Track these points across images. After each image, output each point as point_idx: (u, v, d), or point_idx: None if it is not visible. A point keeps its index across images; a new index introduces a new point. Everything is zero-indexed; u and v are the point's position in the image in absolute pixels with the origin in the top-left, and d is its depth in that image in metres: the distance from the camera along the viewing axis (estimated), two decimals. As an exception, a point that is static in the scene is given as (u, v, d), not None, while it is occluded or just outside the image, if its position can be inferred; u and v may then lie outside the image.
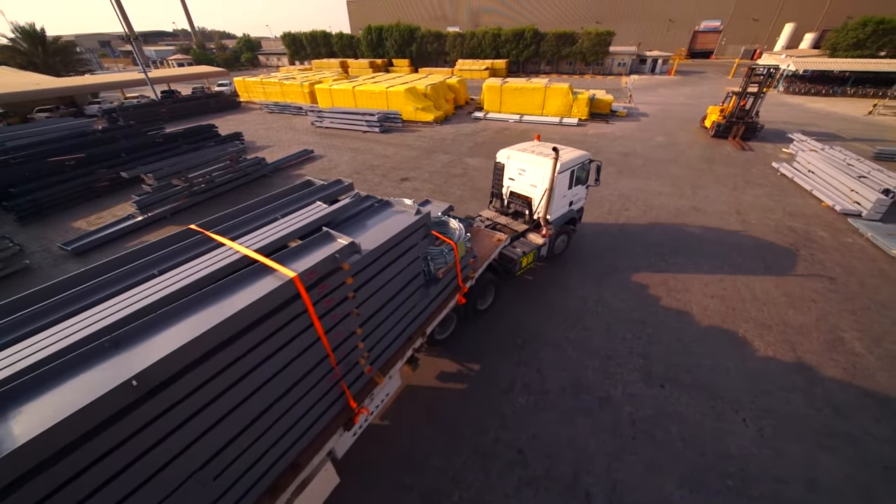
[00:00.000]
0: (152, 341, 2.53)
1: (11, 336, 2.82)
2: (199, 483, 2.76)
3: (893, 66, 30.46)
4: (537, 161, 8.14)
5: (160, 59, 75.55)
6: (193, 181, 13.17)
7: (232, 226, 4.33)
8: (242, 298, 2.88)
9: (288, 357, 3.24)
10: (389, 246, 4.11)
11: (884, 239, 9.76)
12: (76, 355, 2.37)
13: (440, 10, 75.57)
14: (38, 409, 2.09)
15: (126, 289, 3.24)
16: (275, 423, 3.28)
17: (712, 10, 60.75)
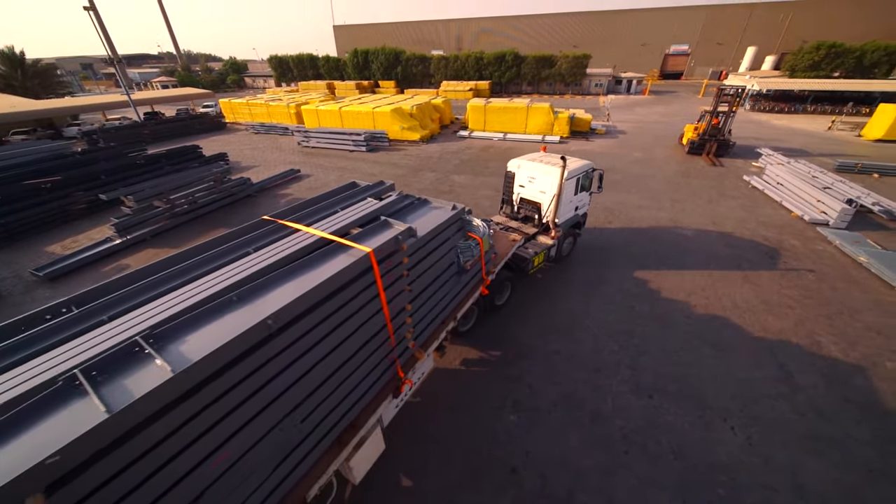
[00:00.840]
0: (269, 296, 3.15)
1: (162, 288, 3.59)
2: (293, 422, 3.31)
3: (847, 85, 32.89)
4: (546, 170, 8.87)
5: (144, 81, 75.31)
6: (175, 202, 12.95)
7: (300, 216, 5.02)
8: (333, 266, 3.57)
9: (361, 319, 3.85)
10: (434, 234, 4.80)
11: (851, 246, 10.26)
12: (217, 303, 3.00)
13: (424, 34, 78.34)
14: (201, 338, 2.68)
15: (231, 261, 3.91)
16: (348, 377, 3.86)
17: (681, 35, 64.85)
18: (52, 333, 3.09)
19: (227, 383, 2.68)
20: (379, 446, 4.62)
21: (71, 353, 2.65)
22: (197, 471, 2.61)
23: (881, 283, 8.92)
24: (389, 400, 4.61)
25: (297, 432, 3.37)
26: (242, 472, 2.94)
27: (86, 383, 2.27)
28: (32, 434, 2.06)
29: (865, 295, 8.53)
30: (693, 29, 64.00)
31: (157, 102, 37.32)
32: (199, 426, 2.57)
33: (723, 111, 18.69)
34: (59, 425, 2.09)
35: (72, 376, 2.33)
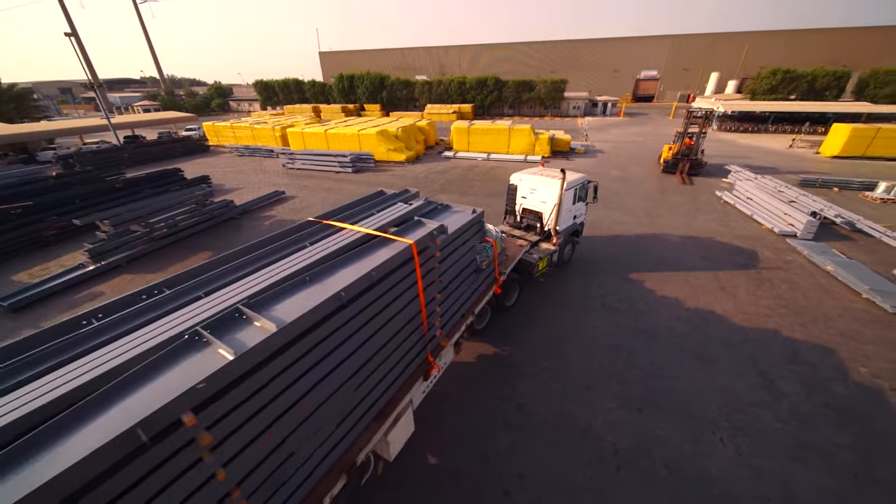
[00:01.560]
0: (334, 276, 3.77)
1: (238, 273, 4.22)
2: (351, 388, 3.85)
3: (803, 107, 35.46)
4: (547, 182, 9.64)
5: (125, 105, 74.63)
6: (154, 226, 12.63)
7: (342, 217, 5.61)
8: (383, 254, 4.21)
9: (403, 303, 4.44)
10: (460, 233, 5.50)
11: (819, 256, 10.78)
12: (292, 282, 3.59)
13: (408, 60, 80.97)
14: (289, 305, 3.27)
15: (292, 253, 4.53)
16: (391, 353, 4.42)
17: (650, 62, 69.11)
18: (158, 306, 3.74)
19: (309, 344, 3.26)
20: (410, 427, 5.01)
21: (183, 318, 3.26)
22: (289, 413, 3.17)
23: (849, 290, 9.35)
24: (420, 382, 5.11)
25: (353, 398, 3.94)
26: (315, 423, 3.48)
27: (210, 336, 2.85)
28: (178, 370, 2.60)
29: (836, 302, 8.91)
30: (661, 56, 68.38)
31: (137, 126, 36.88)
32: (290, 376, 3.14)
33: (694, 132, 19.73)
34: (199, 364, 2.64)
35: (195, 332, 2.89)
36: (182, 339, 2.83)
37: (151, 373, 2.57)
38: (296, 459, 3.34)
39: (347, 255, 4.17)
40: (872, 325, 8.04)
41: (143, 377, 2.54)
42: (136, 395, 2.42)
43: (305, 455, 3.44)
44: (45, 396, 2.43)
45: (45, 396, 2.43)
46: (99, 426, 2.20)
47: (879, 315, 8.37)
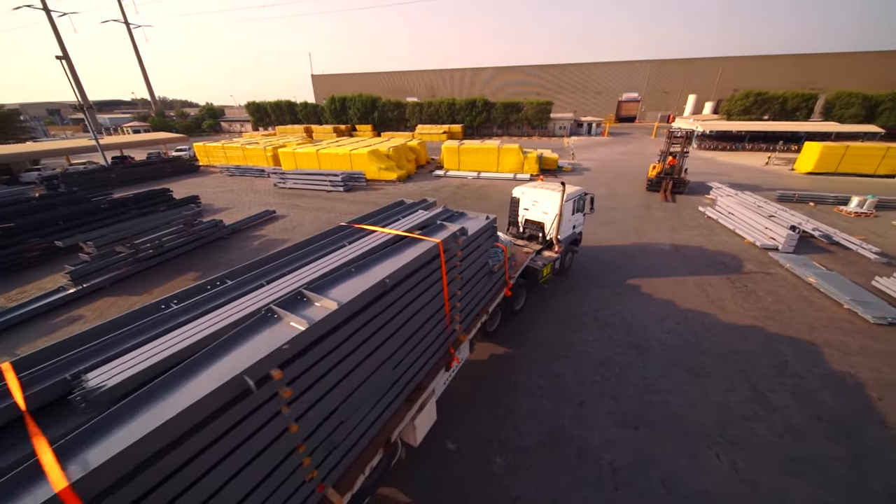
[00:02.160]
0: (376, 268, 4.31)
1: (289, 268, 4.71)
2: (389, 367, 4.34)
3: (777, 126, 37.27)
4: (548, 194, 10.33)
5: (114, 126, 74.44)
6: (140, 247, 12.39)
7: (371, 223, 6.04)
8: (415, 251, 4.71)
9: (431, 295, 4.93)
10: (477, 235, 5.98)
11: (800, 268, 11.09)
12: (344, 271, 4.18)
13: (399, 83, 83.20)
14: (342, 290, 3.79)
15: (332, 251, 5.04)
16: (420, 342, 4.90)
17: (630, 85, 72.29)
18: (226, 293, 4.18)
19: (358, 324, 3.73)
20: (433, 415, 5.46)
21: (254, 300, 3.74)
22: (342, 383, 3.65)
23: (831, 301, 9.60)
24: (442, 372, 5.56)
25: (390, 378, 4.40)
26: (362, 395, 3.95)
27: (281, 311, 3.36)
28: (261, 337, 3.10)
29: (820, 313, 9.11)
30: (641, 79, 71.67)
31: (126, 147, 36.72)
32: (344, 350, 3.60)
33: (675, 151, 20.38)
34: (277, 333, 3.14)
35: (269, 309, 3.40)
36: (259, 315, 3.38)
37: (240, 339, 3.09)
38: (345, 428, 3.84)
39: (383, 251, 4.76)
40: (856, 336, 8.22)
41: (233, 342, 3.05)
42: (232, 354, 2.92)
43: (352, 425, 3.94)
44: (157, 356, 2.93)
45: (157, 356, 2.93)
46: (209, 377, 2.68)
47: (862, 326, 8.58)
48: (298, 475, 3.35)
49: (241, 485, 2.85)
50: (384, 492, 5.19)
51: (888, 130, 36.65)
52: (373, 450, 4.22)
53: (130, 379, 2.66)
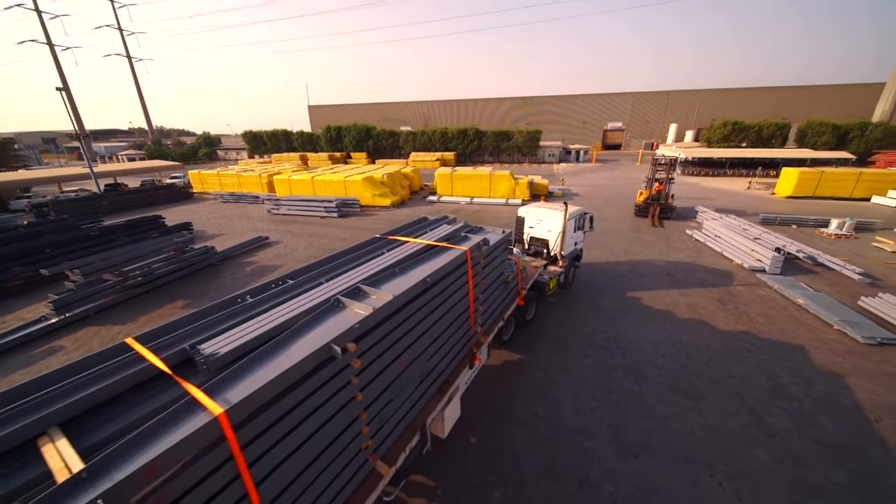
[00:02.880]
0: (416, 270, 5.04)
1: (338, 270, 5.34)
2: (426, 357, 4.93)
3: (755, 153, 39.02)
4: (551, 213, 11.15)
5: (109, 154, 74.96)
6: (128, 275, 12.17)
7: (403, 234, 6.76)
8: (447, 257, 5.43)
9: (458, 297, 5.57)
10: (496, 246, 6.78)
11: (788, 290, 11.29)
12: (389, 271, 4.94)
13: (393, 113, 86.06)
14: (392, 286, 4.52)
15: (374, 257, 5.68)
16: (449, 338, 5.52)
17: (615, 115, 75.78)
18: (290, 290, 4.76)
19: (404, 316, 4.35)
20: (457, 411, 5.93)
21: (319, 293, 4.41)
22: (392, 366, 4.23)
23: (820, 322, 9.72)
24: (466, 370, 6.09)
25: (427, 367, 5.01)
26: (404, 381, 4.52)
27: (346, 300, 4.08)
28: (334, 319, 3.80)
29: (811, 334, 9.20)
30: (624, 110, 75.26)
31: (120, 174, 36.83)
32: (394, 337, 4.22)
33: (661, 177, 20.76)
34: (347, 316, 3.84)
35: (336, 299, 4.11)
36: (329, 304, 4.07)
37: (316, 321, 3.76)
38: (392, 406, 4.38)
39: (419, 257, 5.49)
40: (848, 357, 8.27)
41: (312, 323, 3.71)
42: (314, 331, 3.59)
43: (398, 405, 4.49)
44: (252, 333, 3.54)
45: (252, 333, 3.54)
46: (301, 346, 3.37)
47: (853, 346, 8.66)
48: (358, 441, 3.87)
49: (319, 442, 3.40)
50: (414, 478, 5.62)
51: (858, 156, 38.62)
52: (412, 431, 4.73)
53: (239, 347, 3.34)
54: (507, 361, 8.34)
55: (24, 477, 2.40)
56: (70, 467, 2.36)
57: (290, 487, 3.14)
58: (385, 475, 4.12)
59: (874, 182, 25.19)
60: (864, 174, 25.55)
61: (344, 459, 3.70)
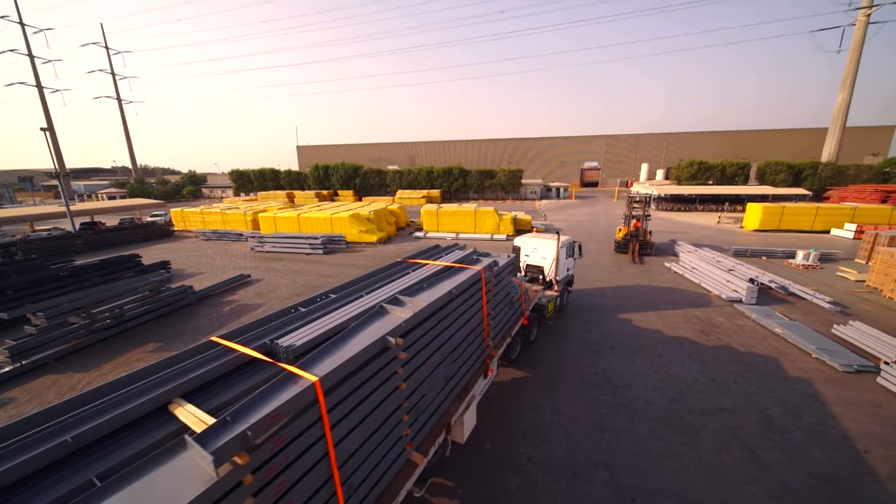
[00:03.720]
0: (440, 285, 5.90)
1: (371, 287, 5.98)
2: (451, 361, 5.59)
3: (722, 190, 41.72)
4: (545, 242, 12.27)
5: (89, 192, 73.65)
6: (96, 317, 11.52)
7: (424, 258, 7.56)
8: (464, 275, 6.26)
9: (474, 311, 6.29)
10: (504, 268, 7.67)
11: (765, 319, 11.62)
12: (419, 286, 5.85)
13: (380, 153, 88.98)
14: (424, 296, 5.36)
15: (402, 276, 6.47)
16: (467, 348, 6.12)
17: (590, 155, 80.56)
18: (334, 302, 5.40)
19: (433, 322, 5.04)
20: (474, 419, 6.38)
21: (363, 303, 5.14)
22: (425, 365, 4.85)
23: (799, 350, 9.94)
24: (481, 379, 6.60)
25: (451, 369, 5.60)
26: (433, 382, 5.10)
27: (389, 307, 4.92)
28: (383, 320, 4.61)
29: (792, 363, 9.36)
30: (599, 151, 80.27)
31: (98, 213, 36.04)
32: (427, 339, 4.88)
33: (638, 214, 21.04)
34: (392, 318, 4.67)
35: (380, 306, 4.89)
36: (375, 309, 4.82)
37: (366, 323, 4.52)
38: (424, 401, 4.93)
39: (441, 275, 6.38)
40: (829, 385, 8.40)
41: (363, 324, 4.48)
42: (367, 329, 4.35)
43: (429, 401, 5.05)
44: (317, 332, 4.24)
45: (317, 332, 4.24)
46: (360, 339, 4.10)
47: (832, 374, 8.83)
48: (400, 428, 4.39)
49: (375, 420, 3.98)
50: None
51: (814, 192, 41.81)
52: (439, 429, 5.24)
53: (310, 341, 4.05)
54: (496, 399, 8.08)
55: (166, 431, 3.09)
56: (205, 421, 2.98)
57: (354, 455, 3.73)
58: (419, 464, 4.58)
59: (831, 216, 27.10)
60: (821, 209, 27.53)
61: (391, 441, 4.24)
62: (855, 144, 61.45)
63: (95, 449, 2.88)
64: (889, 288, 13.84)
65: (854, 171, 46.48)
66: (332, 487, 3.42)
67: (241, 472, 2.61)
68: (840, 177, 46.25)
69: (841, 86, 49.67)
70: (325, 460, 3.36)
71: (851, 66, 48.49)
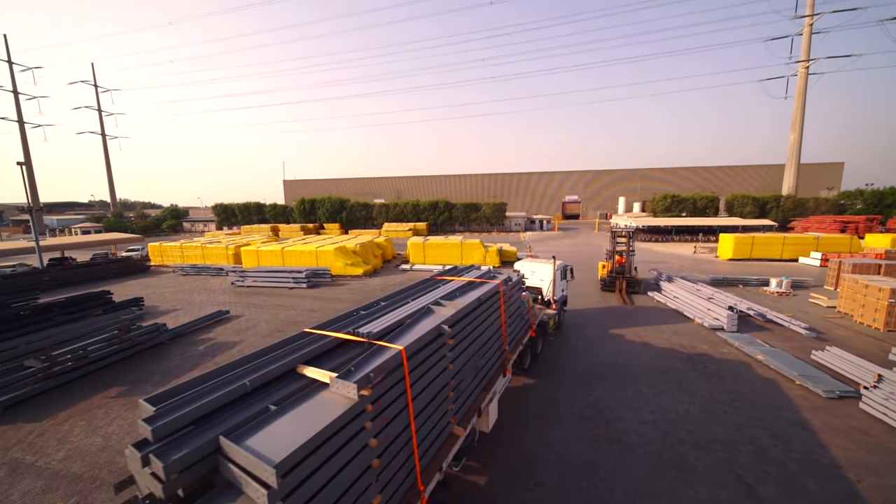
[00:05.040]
0: (468, 294, 7.30)
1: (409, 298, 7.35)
2: (480, 355, 6.65)
3: (695, 221, 43.83)
4: (543, 266, 14.23)
5: (62, 227, 71.09)
6: (56, 359, 10.70)
7: (450, 275, 9.06)
8: (485, 288, 7.60)
9: (494, 318, 7.45)
10: (515, 284, 9.11)
11: (748, 347, 11.81)
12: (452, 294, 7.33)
13: (366, 187, 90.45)
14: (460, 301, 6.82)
15: (437, 287, 8.02)
16: (491, 346, 7.26)
17: (571, 189, 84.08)
18: (386, 308, 6.58)
19: (465, 323, 6.16)
20: (496, 412, 7.35)
21: (412, 306, 6.47)
22: (462, 356, 5.92)
23: (783, 377, 10.05)
24: (501, 377, 7.54)
25: (480, 362, 6.61)
26: (469, 366, 6.15)
27: (434, 307, 6.32)
28: (433, 316, 5.93)
29: (777, 391, 9.43)
30: (579, 185, 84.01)
31: (70, 248, 34.61)
32: (462, 335, 5.98)
33: (622, 250, 19.82)
34: (439, 314, 6.02)
35: (427, 307, 6.25)
36: (423, 310, 6.12)
37: (419, 318, 5.80)
38: (463, 385, 5.85)
39: (467, 288, 7.80)
40: (815, 412, 8.45)
41: (418, 319, 5.77)
42: (422, 323, 5.60)
43: (466, 385, 5.97)
44: (385, 324, 5.47)
45: (385, 324, 5.47)
46: (419, 329, 5.33)
47: (816, 401, 8.91)
48: (446, 403, 5.34)
49: (433, 390, 4.99)
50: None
51: (779, 223, 44.40)
52: (472, 411, 6.05)
53: (383, 329, 5.24)
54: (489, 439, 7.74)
55: (302, 383, 4.28)
56: (329, 376, 4.04)
57: (420, 414, 4.66)
58: (460, 436, 5.44)
59: (797, 245, 28.63)
60: (788, 238, 29.11)
61: (442, 410, 5.19)
62: (811, 179, 66.64)
63: (263, 391, 4.13)
64: (858, 313, 14.43)
65: (813, 204, 49.93)
66: (409, 434, 4.43)
67: (365, 401, 3.76)
68: (801, 209, 49.51)
69: (791, 127, 54.63)
70: (405, 412, 4.39)
71: (798, 111, 53.68)
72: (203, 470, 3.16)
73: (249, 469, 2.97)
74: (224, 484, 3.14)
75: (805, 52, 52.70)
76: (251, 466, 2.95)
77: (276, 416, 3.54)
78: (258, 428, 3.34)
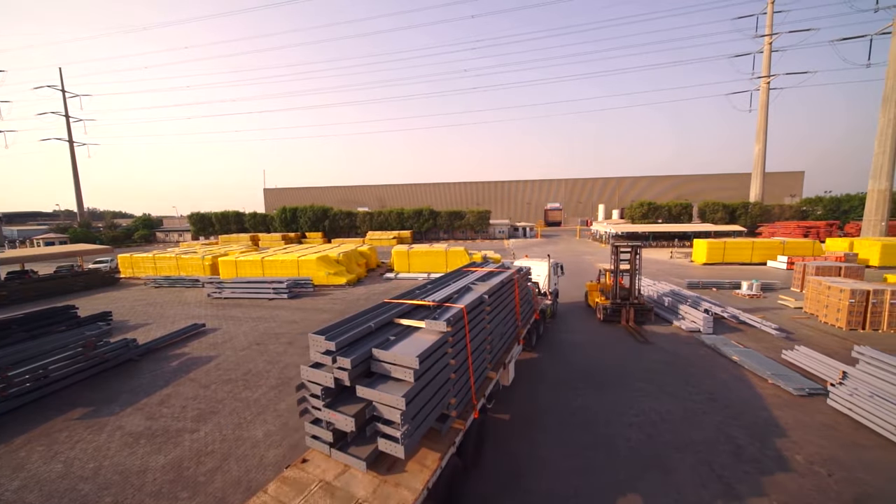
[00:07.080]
0: (492, 279, 9.34)
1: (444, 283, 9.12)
2: (504, 323, 8.77)
3: (670, 228, 45.47)
4: (539, 263, 17.05)
5: (22, 238, 66.97)
6: (13, 381, 9.97)
7: (474, 267, 11.05)
8: (504, 275, 9.75)
9: (511, 298, 9.53)
10: (525, 273, 11.52)
11: (723, 347, 12.23)
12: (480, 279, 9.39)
13: (349, 196, 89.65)
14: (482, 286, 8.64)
15: (467, 275, 9.78)
16: (509, 321, 9.20)
17: (552, 197, 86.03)
18: (435, 288, 8.32)
19: (494, 298, 8.18)
20: (513, 372, 9.26)
21: (453, 287, 8.15)
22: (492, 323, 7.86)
23: (756, 377, 10.44)
24: (516, 345, 9.42)
25: (504, 330, 8.62)
26: (497, 333, 8.05)
27: (472, 286, 8.53)
28: (474, 291, 8.07)
29: (752, 390, 9.77)
30: (560, 192, 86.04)
31: (31, 260, 32.55)
32: (493, 306, 8.03)
33: (625, 269, 15.44)
34: (477, 291, 8.03)
35: (467, 286, 8.33)
36: (463, 287, 8.07)
37: (463, 293, 7.80)
38: (494, 341, 7.81)
39: (489, 275, 9.69)
40: (787, 409, 8.79)
41: (463, 293, 7.81)
42: (467, 296, 7.63)
43: (495, 343, 7.89)
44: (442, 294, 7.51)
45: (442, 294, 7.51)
46: (467, 298, 7.43)
47: (788, 398, 9.28)
48: (485, 354, 7.23)
49: (477, 342, 6.85)
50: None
51: (748, 229, 46.65)
52: (499, 364, 7.99)
53: (443, 297, 7.11)
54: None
55: (400, 328, 6.14)
56: (420, 323, 6.07)
57: (474, 352, 6.53)
58: (493, 378, 7.44)
59: (765, 249, 30.11)
60: (757, 243, 30.58)
61: (482, 358, 7.00)
62: (775, 187, 70.63)
63: (379, 333, 5.88)
64: (823, 313, 15.22)
65: (778, 210, 52.81)
66: (467, 365, 6.28)
67: (448, 335, 5.73)
68: (767, 215, 52.27)
69: (756, 138, 57.87)
70: (465, 350, 6.26)
71: (762, 123, 57.00)
72: (363, 368, 5.20)
73: (397, 362, 4.97)
74: (376, 376, 5.22)
75: (766, 69, 56.27)
76: (399, 360, 4.95)
77: (397, 341, 5.61)
78: (389, 346, 5.38)
